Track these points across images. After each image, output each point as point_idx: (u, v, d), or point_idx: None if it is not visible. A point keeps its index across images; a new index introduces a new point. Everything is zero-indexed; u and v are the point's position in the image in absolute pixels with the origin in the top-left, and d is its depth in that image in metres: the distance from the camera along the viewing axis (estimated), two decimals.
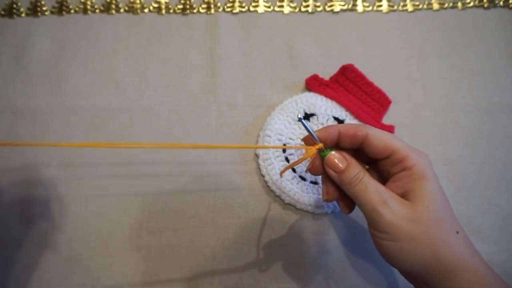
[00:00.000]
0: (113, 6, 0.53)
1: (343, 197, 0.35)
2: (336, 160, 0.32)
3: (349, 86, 0.48)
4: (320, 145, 0.33)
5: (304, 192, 0.44)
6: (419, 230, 0.30)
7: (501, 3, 0.53)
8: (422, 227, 0.30)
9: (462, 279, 0.29)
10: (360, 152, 0.34)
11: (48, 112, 0.49)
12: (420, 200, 0.30)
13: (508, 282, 0.31)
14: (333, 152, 0.33)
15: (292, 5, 0.53)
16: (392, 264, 0.32)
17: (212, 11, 0.53)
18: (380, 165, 0.34)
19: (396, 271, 0.39)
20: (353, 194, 0.32)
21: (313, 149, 0.33)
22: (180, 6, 0.53)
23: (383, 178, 0.34)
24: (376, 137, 0.32)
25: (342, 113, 0.47)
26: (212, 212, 0.45)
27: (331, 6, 0.53)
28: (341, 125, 0.33)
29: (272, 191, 0.45)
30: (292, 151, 0.46)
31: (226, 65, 0.50)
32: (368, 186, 0.31)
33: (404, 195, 0.31)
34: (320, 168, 0.34)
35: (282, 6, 0.53)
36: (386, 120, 0.48)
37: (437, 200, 0.31)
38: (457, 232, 0.31)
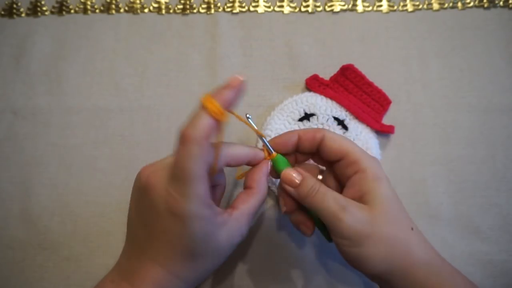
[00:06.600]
0: (113, 6, 0.54)
1: (302, 220, 0.36)
2: (291, 175, 0.33)
3: (349, 86, 0.48)
4: (274, 154, 0.35)
5: None
6: (378, 232, 0.31)
7: (501, 3, 0.53)
8: (381, 229, 0.31)
9: (418, 273, 0.31)
10: (317, 157, 0.36)
11: (48, 112, 0.49)
12: (376, 202, 0.31)
13: (464, 275, 0.32)
14: (287, 168, 0.34)
15: (292, 5, 0.53)
16: (358, 269, 0.33)
17: (212, 11, 0.53)
18: (336, 169, 0.35)
19: None
20: (313, 206, 0.32)
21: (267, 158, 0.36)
22: (180, 6, 0.53)
23: (341, 183, 0.36)
24: (331, 139, 0.34)
25: (342, 113, 0.47)
26: None
27: (331, 6, 0.53)
28: (300, 129, 0.35)
29: (272, 191, 0.45)
30: None
31: (226, 65, 0.50)
32: (325, 195, 0.32)
33: (361, 198, 0.32)
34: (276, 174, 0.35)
35: (282, 6, 0.53)
36: (386, 120, 0.48)
37: (391, 200, 0.32)
38: (412, 229, 0.32)
